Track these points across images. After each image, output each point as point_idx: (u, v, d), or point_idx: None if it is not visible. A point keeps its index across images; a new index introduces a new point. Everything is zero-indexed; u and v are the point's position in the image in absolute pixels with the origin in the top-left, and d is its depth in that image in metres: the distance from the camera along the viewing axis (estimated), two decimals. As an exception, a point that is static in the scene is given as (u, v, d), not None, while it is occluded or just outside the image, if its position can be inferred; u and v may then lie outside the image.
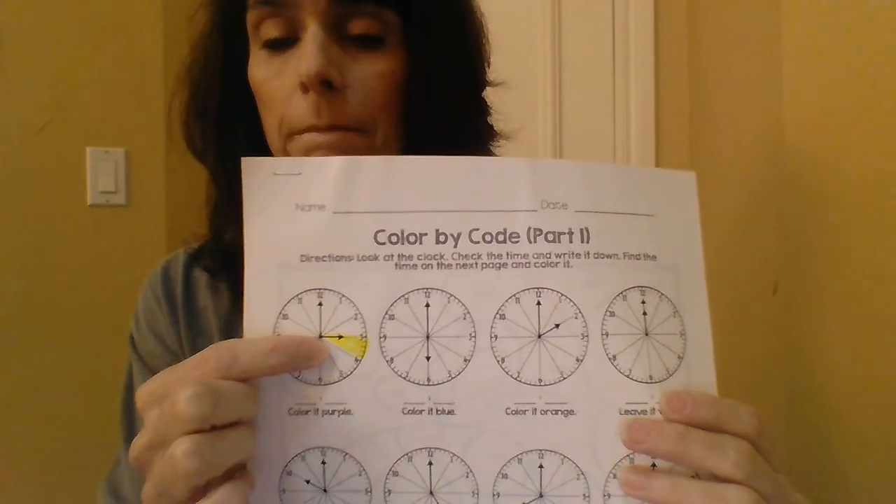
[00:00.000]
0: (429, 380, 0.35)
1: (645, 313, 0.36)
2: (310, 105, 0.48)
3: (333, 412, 0.35)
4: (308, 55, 0.46)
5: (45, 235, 1.28)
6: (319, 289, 0.36)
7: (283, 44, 0.49)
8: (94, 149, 1.32)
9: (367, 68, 0.49)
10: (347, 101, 0.48)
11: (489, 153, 0.59)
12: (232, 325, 0.57)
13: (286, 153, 0.51)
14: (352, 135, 0.49)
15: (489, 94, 0.59)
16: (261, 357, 0.33)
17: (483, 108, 0.57)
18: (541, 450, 0.35)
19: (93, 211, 1.32)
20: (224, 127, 0.54)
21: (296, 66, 0.48)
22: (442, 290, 0.36)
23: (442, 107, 0.52)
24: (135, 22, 1.34)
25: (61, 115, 1.28)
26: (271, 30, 0.49)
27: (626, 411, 0.35)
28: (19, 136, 1.25)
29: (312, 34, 0.47)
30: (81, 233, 1.31)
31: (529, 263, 0.36)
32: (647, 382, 0.35)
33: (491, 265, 0.36)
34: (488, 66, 0.58)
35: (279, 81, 0.49)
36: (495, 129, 0.59)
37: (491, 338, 0.36)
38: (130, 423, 0.57)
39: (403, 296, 0.36)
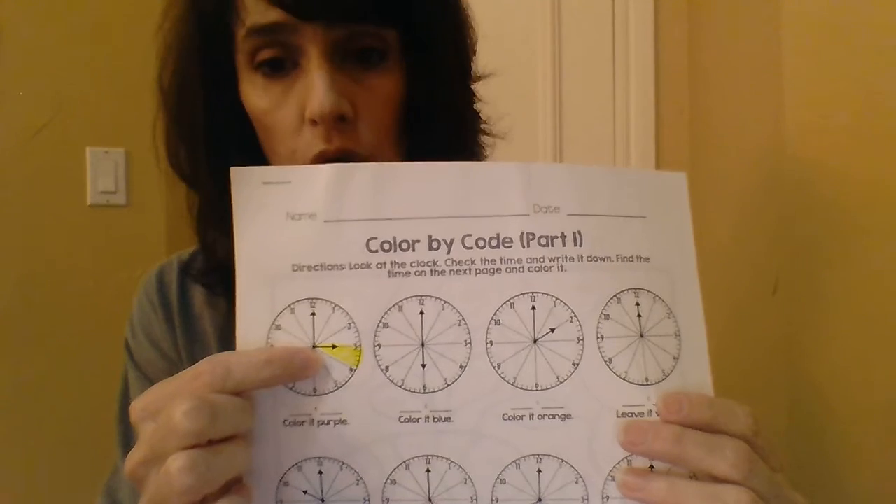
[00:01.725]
0: (425, 387, 0.35)
1: (639, 315, 0.36)
2: (320, 133, 0.47)
3: (329, 422, 0.35)
4: (319, 92, 0.45)
5: (45, 235, 1.28)
6: (312, 298, 0.36)
7: (280, 66, 0.48)
8: (94, 149, 1.32)
9: (373, 94, 0.49)
10: (359, 131, 0.48)
11: (481, 158, 0.59)
12: (228, 331, 0.56)
13: None
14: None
15: (486, 92, 0.59)
16: (254, 370, 0.33)
17: (476, 115, 0.58)
18: (539, 454, 0.35)
19: (93, 211, 1.32)
20: (214, 149, 0.53)
21: (300, 99, 0.47)
22: (436, 297, 0.36)
23: (444, 119, 0.52)
24: (135, 22, 1.34)
25: (61, 115, 1.28)
26: (268, 54, 0.48)
27: (623, 414, 0.35)
28: (19, 136, 1.25)
29: (317, 65, 0.46)
30: (81, 233, 1.31)
31: (523, 268, 0.36)
32: (643, 384, 0.35)
33: (485, 271, 0.36)
34: (476, 64, 0.58)
35: (283, 113, 0.48)
36: (487, 131, 0.59)
37: (486, 343, 0.36)
38: (126, 432, 0.57)
39: (397, 304, 0.36)
